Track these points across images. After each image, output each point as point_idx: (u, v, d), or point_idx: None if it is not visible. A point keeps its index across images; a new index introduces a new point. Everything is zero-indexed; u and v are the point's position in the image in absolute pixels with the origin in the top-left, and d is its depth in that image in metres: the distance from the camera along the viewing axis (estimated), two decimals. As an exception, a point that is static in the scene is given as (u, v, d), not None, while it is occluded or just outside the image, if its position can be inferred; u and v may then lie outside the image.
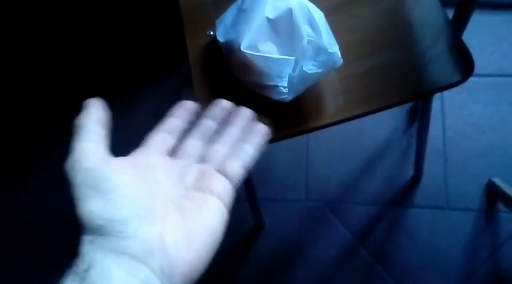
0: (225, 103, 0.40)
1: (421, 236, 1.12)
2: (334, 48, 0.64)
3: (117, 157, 0.32)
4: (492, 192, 1.12)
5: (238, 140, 0.38)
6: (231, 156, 0.36)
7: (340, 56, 0.63)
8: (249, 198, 0.99)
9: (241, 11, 0.69)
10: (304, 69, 0.61)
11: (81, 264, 0.27)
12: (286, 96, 0.64)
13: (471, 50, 0.69)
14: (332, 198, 1.16)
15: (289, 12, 0.64)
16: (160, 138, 0.37)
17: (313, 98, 0.68)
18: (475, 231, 1.11)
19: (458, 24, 0.86)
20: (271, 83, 0.65)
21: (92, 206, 0.29)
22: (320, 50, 0.61)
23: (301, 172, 1.19)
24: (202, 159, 0.36)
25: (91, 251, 0.27)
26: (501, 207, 1.11)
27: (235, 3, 0.72)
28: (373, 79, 0.69)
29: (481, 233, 1.10)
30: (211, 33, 0.75)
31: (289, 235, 1.15)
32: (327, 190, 1.17)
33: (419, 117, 0.97)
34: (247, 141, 0.38)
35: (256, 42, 0.64)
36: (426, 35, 0.71)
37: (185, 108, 0.39)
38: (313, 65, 0.62)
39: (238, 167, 0.36)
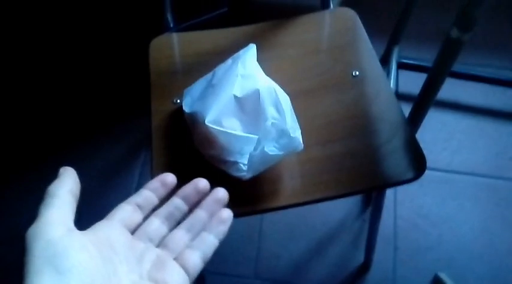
0: (202, 184, 0.39)
1: (366, 326, 1.09)
2: (296, 132, 0.65)
3: (80, 231, 0.31)
4: (438, 287, 1.13)
5: (203, 226, 0.37)
6: (192, 247, 0.36)
7: (301, 141, 0.64)
8: None
9: (210, 85, 0.70)
10: (265, 149, 0.61)
11: None
12: (245, 173, 0.64)
13: (425, 144, 0.71)
14: (281, 278, 1.13)
15: (257, 93, 0.65)
16: (129, 211, 0.36)
17: (271, 178, 0.68)
18: (420, 326, 1.09)
19: (413, 121, 0.90)
20: (232, 159, 0.65)
21: (43, 283, 0.27)
22: (283, 133, 0.62)
23: (252, 248, 1.16)
24: (162, 244, 0.36)
25: None
26: (446, 302, 1.11)
27: (205, 76, 0.73)
28: (331, 166, 0.70)
29: (425, 329, 1.09)
30: (178, 101, 0.76)
31: (232, 313, 1.09)
32: (276, 268, 1.14)
33: (372, 206, 0.98)
34: (211, 229, 0.37)
35: (221, 118, 0.64)
36: (383, 130, 0.74)
37: (163, 183, 0.38)
38: (274, 147, 0.62)
39: (197, 259, 0.35)
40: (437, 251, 1.17)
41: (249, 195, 0.67)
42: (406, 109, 0.75)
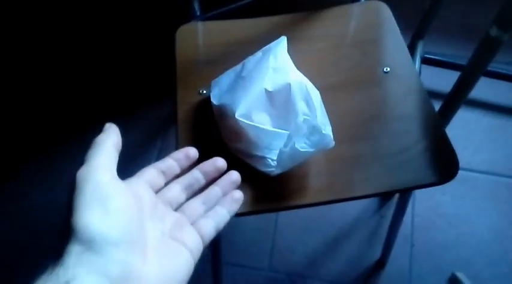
0: (220, 163, 0.44)
1: (379, 323, 1.08)
2: (327, 129, 0.63)
3: (122, 181, 0.34)
4: (454, 287, 1.12)
5: (217, 201, 0.41)
6: (207, 217, 0.39)
7: (332, 138, 0.62)
8: (214, 261, 0.93)
9: (239, 77, 0.68)
10: (296, 146, 0.60)
11: (62, 275, 0.27)
12: (273, 169, 0.63)
13: None
14: (295, 271, 1.12)
15: (288, 88, 0.64)
16: (154, 174, 0.39)
17: (297, 175, 0.67)
18: (434, 325, 1.09)
19: (443, 118, 0.88)
20: (260, 154, 0.64)
21: (91, 218, 0.29)
22: (314, 129, 0.60)
23: (267, 240, 1.15)
24: (180, 210, 0.39)
25: (76, 264, 0.27)
26: (461, 302, 1.10)
27: (234, 68, 0.72)
28: (359, 165, 0.69)
29: (439, 328, 1.08)
30: (204, 92, 0.74)
31: (246, 304, 1.09)
32: (291, 262, 1.13)
33: (396, 205, 0.97)
34: (224, 204, 0.41)
35: (251, 111, 0.63)
36: (414, 129, 0.72)
37: (187, 155, 0.42)
38: (305, 143, 0.61)
39: (211, 228, 0.38)
40: (455, 250, 1.16)
41: (275, 191, 0.66)
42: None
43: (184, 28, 0.82)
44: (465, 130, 1.31)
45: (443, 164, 0.68)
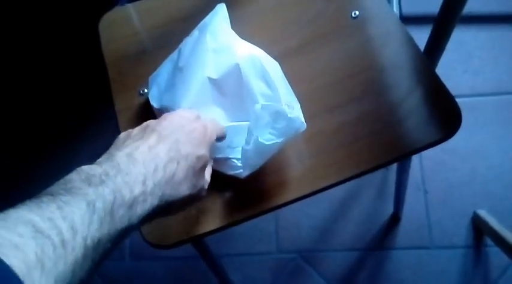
0: None
1: (406, 280, 1.01)
2: (295, 109, 0.51)
3: None
4: (478, 226, 1.03)
5: None
6: None
7: (303, 119, 0.51)
8: (203, 256, 0.83)
9: (177, 68, 0.55)
10: (260, 140, 0.48)
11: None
12: (241, 170, 0.51)
13: (442, 70, 0.58)
14: (305, 247, 1.04)
15: (237, 69, 0.51)
16: None
17: (275, 167, 0.56)
18: (465, 270, 1.01)
19: (431, 54, 0.75)
20: (221, 155, 0.53)
21: None
22: (278, 115, 0.49)
23: (270, 222, 1.06)
24: None
25: None
26: (489, 241, 1.02)
27: (170, 57, 0.59)
28: (344, 138, 0.57)
29: (470, 272, 1.01)
30: (145, 90, 0.62)
31: (261, 293, 1.02)
32: (299, 238, 1.04)
33: (398, 163, 0.86)
34: None
35: (197, 109, 0.51)
36: (401, 79, 0.59)
37: None
38: (270, 134, 0.49)
39: None
40: (471, 187, 1.06)
41: (252, 192, 0.55)
42: (415, 34, 0.60)
43: (107, 17, 0.68)
44: (461, 52, 1.18)
45: (443, 117, 0.57)
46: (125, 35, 0.68)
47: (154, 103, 0.56)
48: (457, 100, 0.57)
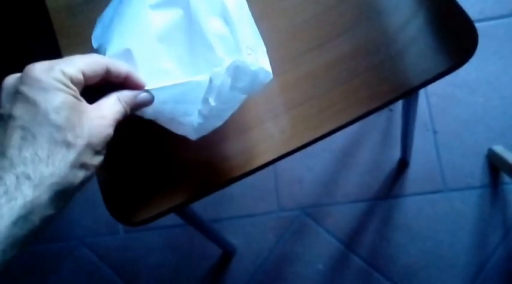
0: None
1: (419, 229, 0.94)
2: (259, 54, 0.41)
3: None
4: (495, 163, 0.94)
5: None
6: None
7: (268, 68, 0.41)
8: (192, 224, 0.75)
9: (120, 1, 0.45)
10: (217, 105, 0.39)
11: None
12: (191, 132, 0.42)
13: None
14: (309, 203, 0.97)
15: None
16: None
17: (245, 124, 0.47)
18: (481, 212, 0.94)
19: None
20: (170, 116, 0.42)
21: None
22: (239, 71, 0.39)
23: (269, 179, 0.98)
24: None
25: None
26: (507, 178, 0.94)
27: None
28: (332, 80, 0.48)
29: (488, 214, 0.93)
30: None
31: (266, 254, 0.96)
32: (301, 194, 0.97)
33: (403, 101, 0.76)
34: None
35: (135, 48, 0.41)
36: (401, 0, 0.49)
37: None
38: (231, 91, 0.39)
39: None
40: (484, 122, 0.96)
41: (215, 160, 0.47)
42: None
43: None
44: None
45: (454, 38, 0.47)
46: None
47: (94, 43, 0.46)
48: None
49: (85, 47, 0.51)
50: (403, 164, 0.97)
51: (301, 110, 0.47)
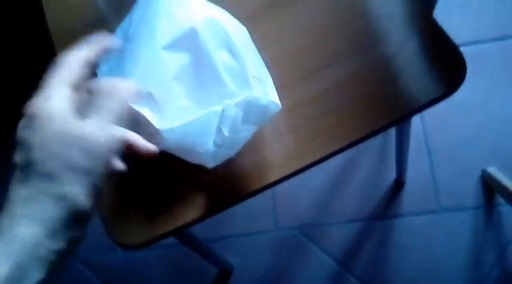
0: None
1: (415, 248, 0.95)
2: (267, 86, 0.43)
3: None
4: (489, 184, 0.96)
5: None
6: None
7: (277, 100, 0.43)
8: (188, 245, 0.76)
9: (126, 37, 0.47)
10: (231, 135, 0.41)
11: None
12: (208, 161, 0.44)
13: (439, 17, 0.49)
14: (305, 222, 0.98)
15: (193, 36, 0.43)
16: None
17: (252, 148, 0.48)
18: (476, 232, 0.95)
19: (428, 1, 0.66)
20: (186, 147, 0.44)
21: None
22: (250, 105, 0.41)
23: (267, 199, 0.99)
24: None
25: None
26: (501, 199, 0.95)
27: (121, 25, 0.50)
28: (329, 104, 0.49)
29: (482, 234, 0.94)
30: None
31: (263, 273, 0.96)
32: (298, 213, 0.98)
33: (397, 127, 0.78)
34: None
35: (147, 85, 0.43)
36: (392, 29, 0.51)
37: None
38: (243, 124, 0.41)
39: None
40: (478, 143, 0.98)
41: (228, 176, 0.48)
42: None
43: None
44: (458, -5, 1.08)
45: (444, 69, 0.49)
46: (72, 6, 0.59)
47: None
48: (458, 49, 0.49)
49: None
50: (398, 184, 0.98)
51: (295, 136, 0.49)
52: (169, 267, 0.98)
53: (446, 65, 0.48)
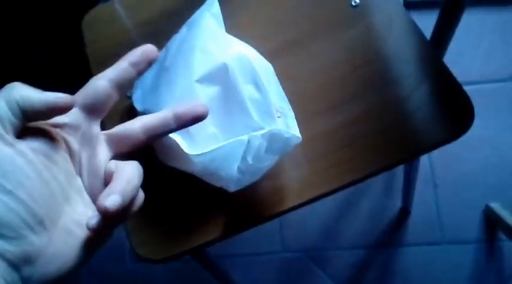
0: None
1: (416, 279, 0.97)
2: (288, 119, 0.48)
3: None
4: (491, 220, 0.98)
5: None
6: None
7: (298, 133, 0.47)
8: (200, 262, 0.79)
9: (163, 68, 0.51)
10: (254, 164, 0.45)
11: None
12: (230, 184, 0.48)
13: (450, 56, 0.54)
14: (312, 246, 1.00)
15: (224, 70, 0.47)
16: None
17: (270, 177, 0.52)
18: (477, 266, 0.97)
19: (439, 43, 0.71)
20: (211, 171, 0.48)
21: None
22: (274, 137, 0.45)
23: (275, 221, 1.02)
24: None
25: None
26: (503, 235, 0.97)
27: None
28: (345, 139, 0.53)
29: (483, 268, 0.97)
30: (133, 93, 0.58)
31: (267, 294, 0.99)
32: (304, 237, 1.01)
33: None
34: None
35: None
36: (406, 73, 0.55)
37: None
38: (266, 153, 0.45)
39: None
40: (483, 179, 1.01)
41: (247, 200, 0.52)
42: (419, 21, 0.56)
43: (91, 15, 0.64)
44: (470, 36, 1.12)
45: (453, 113, 0.52)
46: (110, 34, 0.64)
47: (138, 106, 0.52)
48: (467, 87, 0.53)
49: (123, 98, 0.57)
50: (404, 214, 1.01)
51: (311, 167, 0.53)
52: (177, 281, 1.01)
53: (455, 110, 0.52)
